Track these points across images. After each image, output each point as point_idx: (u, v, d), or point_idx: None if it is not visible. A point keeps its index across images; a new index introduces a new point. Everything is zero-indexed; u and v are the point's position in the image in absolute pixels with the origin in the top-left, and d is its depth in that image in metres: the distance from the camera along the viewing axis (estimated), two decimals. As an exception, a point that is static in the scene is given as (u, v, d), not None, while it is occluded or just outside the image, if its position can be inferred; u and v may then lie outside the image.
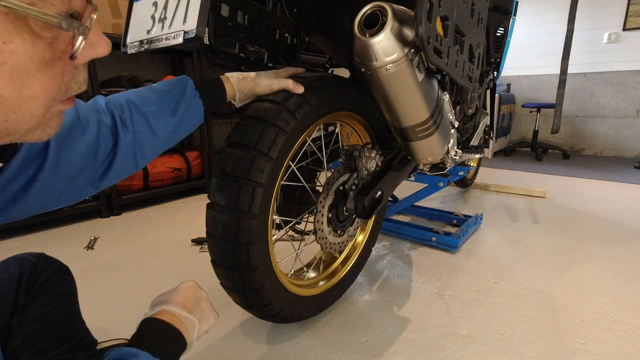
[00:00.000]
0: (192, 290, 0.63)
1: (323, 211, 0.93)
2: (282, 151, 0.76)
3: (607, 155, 3.86)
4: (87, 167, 0.56)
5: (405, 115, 0.86)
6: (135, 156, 0.62)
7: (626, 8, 3.49)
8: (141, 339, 0.52)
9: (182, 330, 0.56)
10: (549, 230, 1.71)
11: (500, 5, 1.52)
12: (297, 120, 0.78)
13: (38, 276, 0.66)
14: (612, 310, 1.08)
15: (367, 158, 0.98)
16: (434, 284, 1.23)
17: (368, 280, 1.27)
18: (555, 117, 1.31)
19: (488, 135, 1.72)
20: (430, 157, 1.03)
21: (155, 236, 1.70)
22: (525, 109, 4.08)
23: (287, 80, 0.80)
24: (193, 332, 0.58)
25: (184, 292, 0.62)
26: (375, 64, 0.73)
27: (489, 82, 1.67)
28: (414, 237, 1.58)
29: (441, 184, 1.56)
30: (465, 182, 2.36)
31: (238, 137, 0.76)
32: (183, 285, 0.64)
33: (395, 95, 0.81)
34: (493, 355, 0.90)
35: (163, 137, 0.65)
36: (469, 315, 1.06)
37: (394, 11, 0.69)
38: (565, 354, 0.90)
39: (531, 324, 1.02)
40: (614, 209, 2.03)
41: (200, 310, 0.61)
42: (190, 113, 0.69)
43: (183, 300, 0.60)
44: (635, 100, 3.63)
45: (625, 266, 1.35)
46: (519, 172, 3.05)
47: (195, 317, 0.59)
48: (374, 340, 0.96)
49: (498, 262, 1.39)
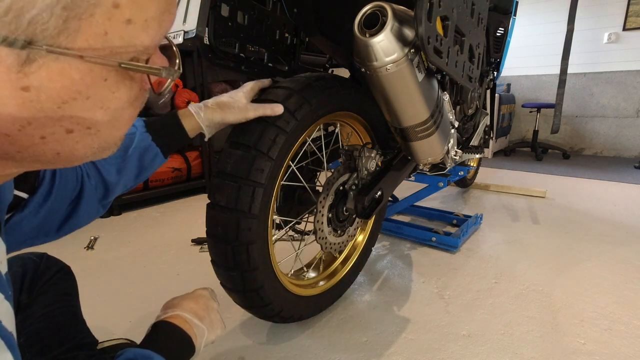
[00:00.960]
0: (204, 299, 0.64)
1: (323, 211, 0.93)
2: (282, 151, 0.76)
3: (607, 155, 3.86)
4: (62, 206, 0.54)
5: (406, 115, 0.86)
6: (99, 201, 0.60)
7: (626, 8, 3.49)
8: (153, 340, 0.54)
9: (191, 337, 0.57)
10: (549, 230, 1.71)
11: (500, 5, 1.52)
12: (297, 120, 0.78)
13: (41, 276, 0.66)
14: (612, 310, 1.08)
15: (367, 158, 0.98)
16: (434, 284, 1.23)
17: (368, 280, 1.27)
18: (555, 117, 1.31)
19: (488, 135, 1.72)
20: (430, 157, 1.03)
21: (155, 236, 1.70)
22: (525, 109, 4.08)
23: (264, 107, 0.74)
24: (201, 340, 0.59)
25: (197, 300, 0.63)
26: (375, 64, 0.73)
27: (489, 82, 1.67)
28: (414, 237, 1.58)
29: (441, 184, 1.56)
30: (465, 182, 2.36)
31: (238, 138, 0.76)
32: (197, 293, 0.65)
33: (395, 95, 0.81)
34: (493, 355, 0.90)
35: (122, 184, 0.63)
36: (469, 315, 1.06)
37: (394, 11, 0.69)
38: (565, 354, 0.90)
39: (531, 324, 1.02)
40: (614, 209, 2.03)
41: (210, 320, 0.62)
42: (148, 160, 0.64)
43: (195, 308, 0.61)
44: (635, 100, 3.63)
45: (625, 266, 1.35)
46: (519, 172, 3.05)
47: (205, 326, 0.60)
48: (374, 340, 0.96)
49: (498, 262, 1.39)
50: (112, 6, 0.25)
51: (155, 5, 0.27)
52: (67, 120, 0.28)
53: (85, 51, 0.25)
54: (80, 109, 0.28)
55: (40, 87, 0.25)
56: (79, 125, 0.29)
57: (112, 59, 0.27)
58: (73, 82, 0.26)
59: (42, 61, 0.24)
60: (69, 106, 0.27)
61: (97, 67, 0.27)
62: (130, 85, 0.30)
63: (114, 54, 0.27)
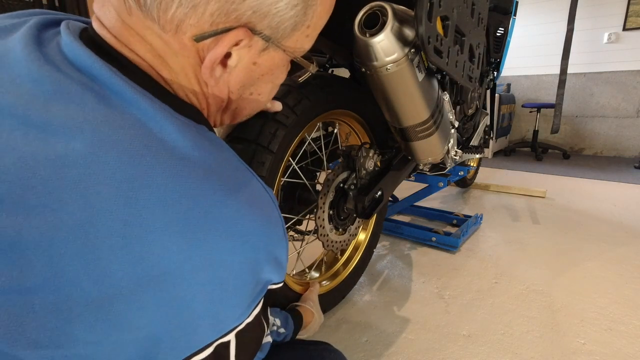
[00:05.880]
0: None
1: (324, 207, 0.93)
2: (282, 145, 0.77)
3: (607, 155, 3.86)
4: None
5: (406, 115, 0.86)
6: None
7: (626, 8, 3.49)
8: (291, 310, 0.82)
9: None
10: (549, 230, 1.71)
11: (500, 5, 1.52)
12: (297, 115, 0.78)
13: None
14: (612, 310, 1.08)
15: (365, 158, 0.98)
16: (434, 284, 1.23)
17: (368, 280, 1.27)
18: (555, 117, 1.31)
19: (488, 135, 1.72)
20: (430, 157, 1.03)
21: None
22: (525, 109, 4.08)
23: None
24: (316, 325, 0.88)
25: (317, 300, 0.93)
26: (375, 64, 0.73)
27: (489, 82, 1.67)
28: (414, 237, 1.58)
29: (441, 184, 1.56)
30: (465, 182, 2.36)
31: (239, 132, 0.77)
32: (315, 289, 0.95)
33: (395, 95, 0.81)
34: (493, 355, 0.90)
35: None
36: (469, 315, 1.06)
37: (394, 11, 0.69)
38: (565, 354, 0.90)
39: (531, 324, 1.02)
40: (613, 209, 2.03)
41: (319, 315, 0.90)
42: None
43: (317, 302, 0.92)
44: (635, 100, 3.63)
45: (625, 266, 1.35)
46: (519, 172, 3.05)
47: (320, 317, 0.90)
48: (374, 340, 0.96)
49: (498, 262, 1.39)
50: (307, 27, 0.39)
51: (320, 27, 0.41)
52: (255, 86, 0.42)
53: (287, 47, 0.39)
54: (265, 81, 0.42)
55: (260, 64, 0.39)
56: (257, 90, 0.43)
57: (292, 54, 0.41)
58: (273, 64, 0.40)
59: (270, 50, 0.38)
60: (262, 77, 0.41)
61: (286, 57, 0.41)
62: (286, 71, 0.45)
63: (294, 51, 0.41)
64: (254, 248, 0.33)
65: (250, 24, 0.34)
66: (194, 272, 0.29)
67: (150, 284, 0.27)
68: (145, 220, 0.27)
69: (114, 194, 0.27)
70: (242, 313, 0.34)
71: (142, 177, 0.28)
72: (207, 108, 0.42)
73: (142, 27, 0.33)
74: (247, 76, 0.40)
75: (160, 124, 0.31)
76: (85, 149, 0.28)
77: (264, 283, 0.36)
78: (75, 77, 0.31)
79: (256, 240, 0.33)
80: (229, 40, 0.34)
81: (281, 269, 0.37)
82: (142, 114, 0.31)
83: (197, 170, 0.30)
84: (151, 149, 0.29)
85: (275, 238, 0.35)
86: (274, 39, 0.37)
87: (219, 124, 0.47)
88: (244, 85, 0.41)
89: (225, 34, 0.34)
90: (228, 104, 0.43)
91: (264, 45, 0.37)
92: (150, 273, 0.27)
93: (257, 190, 0.35)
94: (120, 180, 0.27)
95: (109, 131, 0.29)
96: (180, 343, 0.30)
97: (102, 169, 0.27)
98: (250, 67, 0.39)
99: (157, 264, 0.27)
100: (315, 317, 0.87)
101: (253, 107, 0.46)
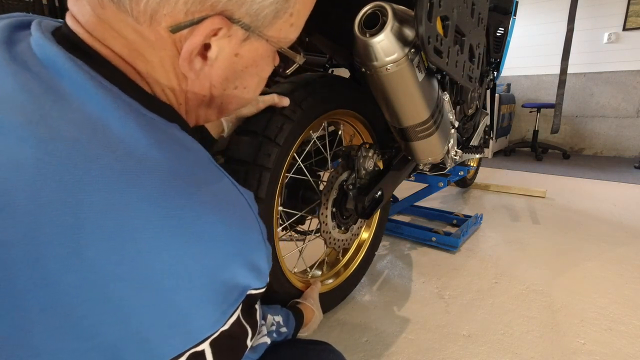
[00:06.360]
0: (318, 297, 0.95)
1: (327, 204, 0.94)
2: (288, 139, 0.78)
3: (607, 155, 3.86)
4: None
5: (406, 115, 0.86)
6: None
7: (626, 8, 3.49)
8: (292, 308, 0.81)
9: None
10: (549, 230, 1.71)
11: (500, 5, 1.52)
12: (303, 109, 0.80)
13: None
14: (612, 310, 1.08)
15: (365, 158, 0.98)
16: (434, 284, 1.23)
17: (368, 280, 1.27)
18: (555, 117, 1.31)
19: (488, 135, 1.72)
20: (430, 157, 1.03)
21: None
22: (525, 109, 4.08)
23: (272, 96, 0.79)
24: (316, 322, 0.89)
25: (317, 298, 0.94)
26: (375, 64, 0.73)
27: (489, 82, 1.67)
28: (414, 237, 1.58)
29: (441, 184, 1.56)
30: (465, 182, 2.36)
31: (247, 126, 0.78)
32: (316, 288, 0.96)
33: (395, 95, 0.81)
34: (493, 355, 0.90)
35: None
36: (469, 315, 1.06)
37: (394, 11, 0.69)
38: (565, 354, 0.90)
39: (531, 324, 1.02)
40: (613, 209, 2.03)
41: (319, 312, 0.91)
42: None
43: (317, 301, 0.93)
44: (635, 100, 3.63)
45: (625, 266, 1.35)
46: (519, 172, 3.05)
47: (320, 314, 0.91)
48: (374, 340, 0.96)
49: (498, 262, 1.39)
50: (289, 15, 0.37)
51: (305, 16, 0.40)
52: (239, 80, 0.40)
53: (270, 37, 0.38)
54: (249, 73, 0.41)
55: (242, 55, 0.38)
56: (242, 84, 0.41)
57: (277, 44, 0.39)
58: (257, 54, 0.39)
59: (252, 40, 0.37)
60: (247, 70, 0.40)
61: (270, 47, 0.39)
62: (273, 63, 0.43)
63: (278, 41, 0.39)
64: (222, 253, 0.31)
65: (227, 11, 0.33)
66: (145, 280, 0.28)
67: (101, 294, 0.27)
68: (95, 227, 0.26)
69: (63, 198, 0.26)
70: (216, 321, 0.32)
71: (94, 182, 0.27)
72: (186, 103, 0.40)
73: (116, 20, 0.33)
74: (230, 69, 0.38)
75: (121, 122, 0.30)
76: (36, 152, 0.27)
77: (241, 289, 0.34)
78: (41, 75, 0.30)
79: (222, 245, 0.31)
80: (205, 29, 0.33)
81: (260, 274, 0.36)
82: (102, 110, 0.30)
83: (155, 173, 0.29)
84: (108, 148, 0.28)
85: (250, 243, 0.34)
86: (255, 27, 0.35)
87: (203, 120, 0.45)
88: (227, 79, 0.39)
89: (201, 23, 0.33)
90: (212, 99, 0.41)
91: (244, 34, 0.36)
92: (98, 283, 0.27)
93: (228, 193, 0.34)
94: (71, 183, 0.27)
95: (65, 132, 0.28)
96: (144, 354, 0.29)
97: (52, 172, 0.27)
98: (232, 59, 0.37)
99: (105, 274, 0.27)
100: (315, 315, 0.87)
101: (239, 102, 0.44)
